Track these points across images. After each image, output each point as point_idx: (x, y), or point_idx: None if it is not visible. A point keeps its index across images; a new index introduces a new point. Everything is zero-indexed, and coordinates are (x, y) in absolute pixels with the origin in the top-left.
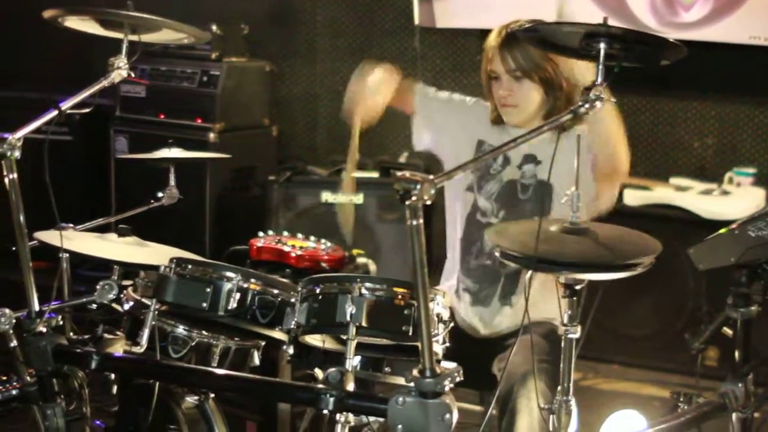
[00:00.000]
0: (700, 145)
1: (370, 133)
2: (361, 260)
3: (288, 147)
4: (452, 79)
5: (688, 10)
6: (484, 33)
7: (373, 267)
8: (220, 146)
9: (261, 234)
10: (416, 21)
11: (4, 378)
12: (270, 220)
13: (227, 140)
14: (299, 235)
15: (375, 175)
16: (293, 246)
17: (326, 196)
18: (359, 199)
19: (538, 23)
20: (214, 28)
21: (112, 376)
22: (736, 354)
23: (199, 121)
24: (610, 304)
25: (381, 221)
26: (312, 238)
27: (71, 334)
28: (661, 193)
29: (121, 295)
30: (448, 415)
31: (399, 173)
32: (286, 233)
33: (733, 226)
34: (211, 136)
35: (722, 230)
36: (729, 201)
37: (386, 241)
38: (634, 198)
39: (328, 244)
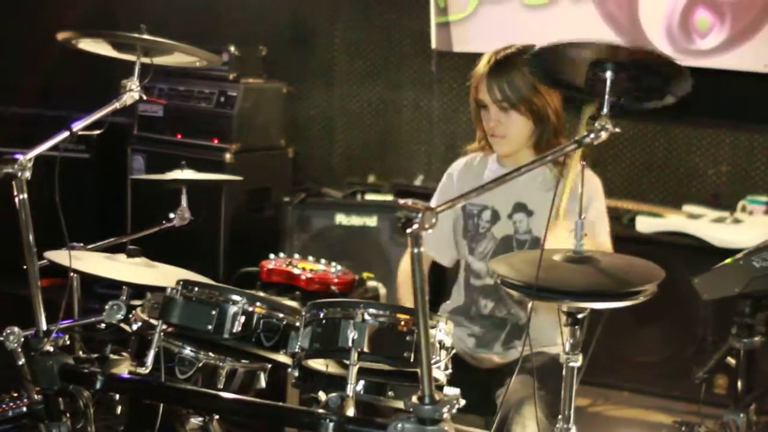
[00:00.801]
0: (714, 173)
1: (386, 157)
2: (371, 284)
3: (304, 168)
4: (468, 104)
5: (703, 38)
6: None
7: (383, 291)
8: (236, 167)
9: (272, 256)
10: (433, 45)
11: (16, 395)
12: (284, 241)
13: (243, 161)
14: (310, 258)
15: (389, 198)
16: (303, 269)
17: (340, 219)
18: (372, 221)
19: (531, 46)
20: (231, 49)
21: (117, 396)
22: (739, 384)
23: (216, 141)
24: (621, 330)
25: (395, 244)
26: (323, 261)
27: (80, 352)
28: (674, 221)
29: (130, 316)
30: None
31: (401, 201)
32: (297, 256)
33: (738, 256)
34: (227, 156)
35: (727, 260)
36: (741, 229)
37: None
38: (646, 225)
39: (339, 267)
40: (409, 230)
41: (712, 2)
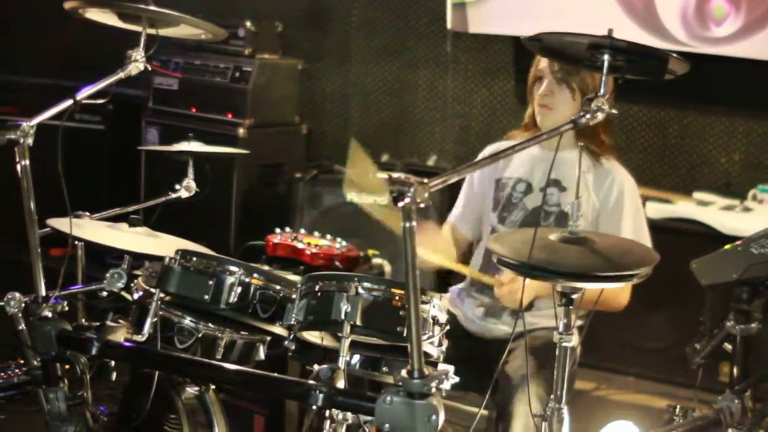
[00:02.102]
0: (726, 161)
1: (400, 137)
2: (376, 261)
3: (317, 146)
4: (483, 85)
5: (719, 25)
6: (516, 40)
7: (388, 268)
8: (250, 142)
9: (278, 230)
10: (449, 25)
11: (22, 361)
12: (295, 217)
13: (257, 136)
14: (315, 233)
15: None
16: (308, 244)
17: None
18: (384, 200)
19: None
20: (248, 24)
21: (112, 363)
22: (735, 370)
23: (230, 116)
24: (627, 316)
25: None
26: (328, 236)
27: (82, 320)
28: (683, 207)
29: (131, 285)
30: (434, 417)
31: (394, 176)
32: (303, 231)
33: (737, 242)
34: (241, 131)
35: (727, 246)
36: (750, 218)
37: None
38: (655, 211)
39: (343, 243)
40: (401, 204)
41: None
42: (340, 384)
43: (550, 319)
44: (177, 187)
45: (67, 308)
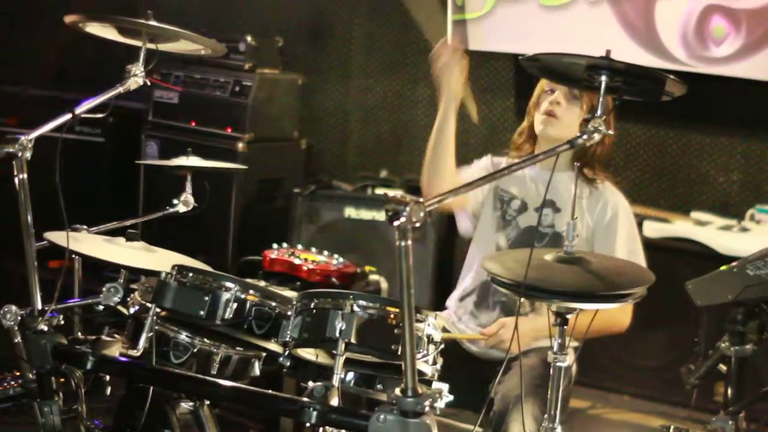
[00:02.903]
0: (724, 181)
1: (399, 152)
2: (373, 277)
3: (317, 161)
4: (482, 101)
5: (719, 45)
6: (517, 57)
7: (384, 285)
8: (249, 156)
9: (275, 246)
10: (449, 42)
11: (18, 374)
12: (293, 232)
13: (256, 151)
14: (313, 249)
15: (400, 193)
16: (305, 259)
17: (349, 212)
18: (381, 215)
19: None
20: (248, 39)
21: (107, 377)
22: (729, 391)
23: (230, 130)
24: (624, 334)
25: None
26: (325, 252)
27: (78, 334)
28: (681, 227)
29: (128, 299)
30: None
31: (390, 194)
32: (300, 246)
33: (733, 264)
34: (240, 146)
35: (722, 267)
36: (747, 238)
37: None
38: (652, 230)
39: (340, 259)
40: (396, 223)
41: (728, 10)
42: (334, 401)
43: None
44: (175, 201)
45: (63, 322)
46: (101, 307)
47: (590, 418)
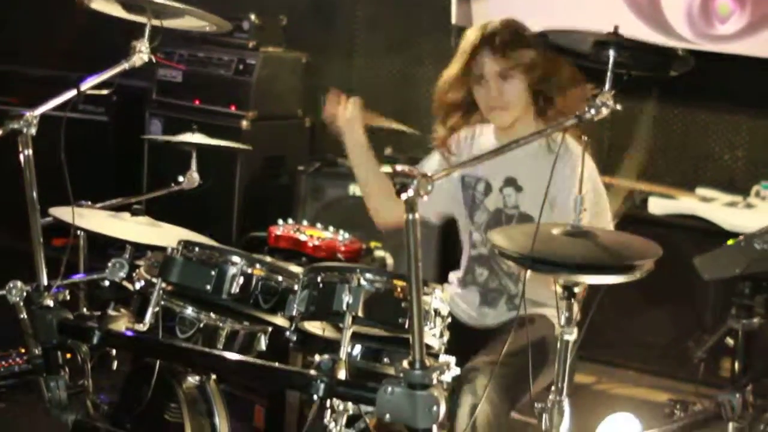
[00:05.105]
0: (729, 157)
1: (400, 133)
2: (378, 253)
3: (321, 139)
4: None
5: (724, 23)
6: None
7: (390, 261)
8: (253, 134)
9: (280, 222)
10: (453, 20)
11: (23, 350)
12: (297, 209)
13: (260, 129)
14: (318, 225)
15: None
16: (311, 236)
17: (354, 189)
18: None
19: (546, 30)
20: (252, 17)
21: (114, 352)
22: (736, 365)
23: (233, 108)
24: (629, 310)
25: None
26: (331, 228)
27: (84, 309)
28: (686, 203)
29: (133, 275)
30: (435, 407)
31: (398, 167)
32: (305, 223)
33: (740, 238)
34: (244, 123)
35: (729, 241)
36: (753, 214)
37: None
38: (658, 206)
39: (346, 235)
40: (404, 196)
41: None
42: (341, 375)
43: (540, 299)
44: (180, 178)
45: (68, 297)
46: (106, 283)
47: (596, 393)
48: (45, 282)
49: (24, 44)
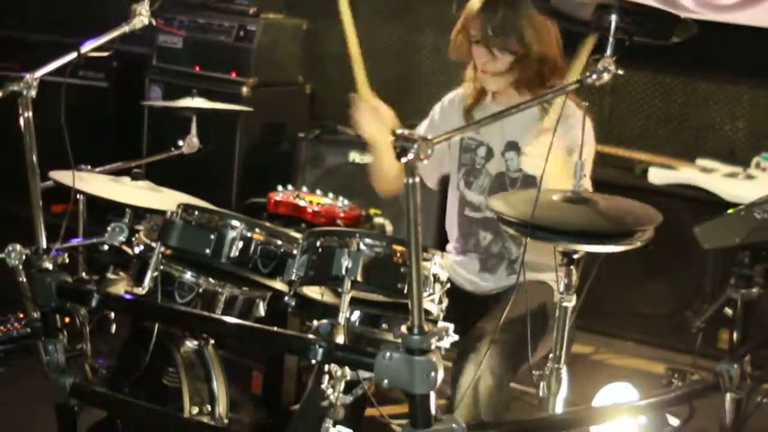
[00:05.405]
0: (730, 128)
1: (404, 98)
2: (377, 220)
3: (321, 106)
4: None
5: None
6: None
7: (389, 228)
8: (253, 101)
9: (280, 188)
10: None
11: (21, 315)
12: (297, 176)
13: (260, 95)
14: (318, 191)
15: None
16: (310, 202)
17: (354, 156)
18: None
19: None
20: None
21: (112, 315)
22: (735, 334)
23: (234, 74)
24: (629, 280)
25: None
26: (330, 195)
27: (83, 273)
28: (686, 174)
29: (132, 239)
30: (433, 373)
31: (398, 131)
32: (305, 189)
33: (740, 207)
34: (244, 90)
35: (729, 211)
36: (753, 185)
37: None
38: (658, 176)
39: (346, 201)
40: (404, 159)
41: None
42: (340, 339)
43: (539, 266)
44: (180, 143)
45: (67, 261)
46: (106, 247)
47: (593, 363)
48: (44, 245)
49: (26, 10)
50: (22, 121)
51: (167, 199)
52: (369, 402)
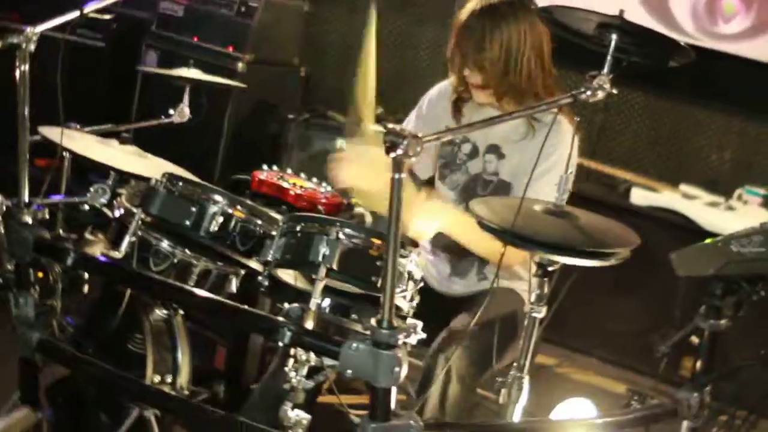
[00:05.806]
0: (717, 158)
1: (400, 92)
2: (358, 210)
3: (314, 90)
4: None
5: (727, 22)
6: None
7: (369, 219)
8: (247, 77)
9: (265, 167)
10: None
11: None
12: (283, 157)
13: (255, 72)
14: (302, 175)
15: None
16: (293, 184)
17: (342, 143)
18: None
19: (550, 6)
20: None
21: (86, 275)
22: (698, 364)
23: (231, 49)
24: (599, 297)
25: None
26: (314, 179)
27: (60, 231)
28: (668, 198)
29: (114, 202)
30: (397, 368)
31: (390, 126)
32: (290, 171)
33: (719, 238)
34: (240, 65)
35: (708, 240)
36: (732, 217)
37: None
38: (640, 197)
39: (329, 188)
40: (393, 154)
41: None
42: (309, 325)
43: (512, 281)
44: (171, 111)
45: (47, 217)
46: (86, 207)
47: (555, 375)
48: (26, 199)
49: None
50: (18, 74)
51: (153, 167)
52: (328, 389)
